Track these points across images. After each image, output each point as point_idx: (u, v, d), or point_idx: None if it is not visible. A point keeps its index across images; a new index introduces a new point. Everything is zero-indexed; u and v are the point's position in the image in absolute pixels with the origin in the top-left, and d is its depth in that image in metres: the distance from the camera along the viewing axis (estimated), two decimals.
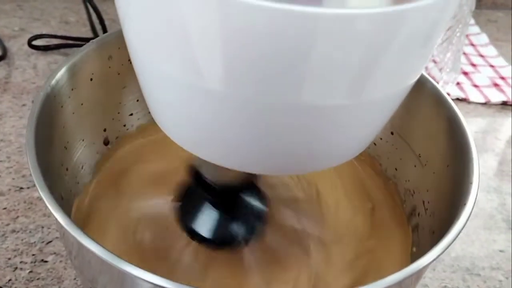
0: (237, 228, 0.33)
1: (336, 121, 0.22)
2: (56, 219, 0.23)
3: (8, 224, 0.42)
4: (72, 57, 0.30)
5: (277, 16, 0.17)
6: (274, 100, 0.20)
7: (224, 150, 0.24)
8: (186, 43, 0.19)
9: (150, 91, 0.24)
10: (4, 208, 0.44)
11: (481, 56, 0.69)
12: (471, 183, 0.26)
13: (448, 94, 0.60)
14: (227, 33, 0.18)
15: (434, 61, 0.63)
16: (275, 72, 0.19)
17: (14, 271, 0.39)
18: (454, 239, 0.23)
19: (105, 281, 0.25)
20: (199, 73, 0.20)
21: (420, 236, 0.32)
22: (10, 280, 0.38)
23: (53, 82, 0.29)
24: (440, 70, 0.62)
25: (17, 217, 0.43)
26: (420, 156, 0.34)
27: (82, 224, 0.33)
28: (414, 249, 0.32)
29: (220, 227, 0.32)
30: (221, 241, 0.32)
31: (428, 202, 0.32)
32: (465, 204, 0.25)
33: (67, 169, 0.31)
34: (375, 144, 0.38)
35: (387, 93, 0.22)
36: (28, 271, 0.39)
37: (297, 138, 0.22)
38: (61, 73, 0.30)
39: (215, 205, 0.32)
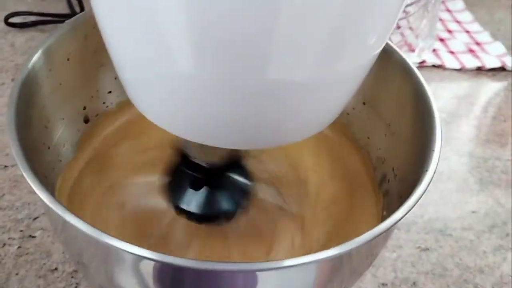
0: (223, 204, 0.34)
1: (304, 94, 0.23)
2: (39, 197, 0.24)
3: None
4: (47, 39, 0.31)
5: None
6: (243, 78, 0.21)
7: (199, 128, 0.25)
8: (156, 29, 0.20)
9: (125, 75, 0.25)
10: None
11: (457, 22, 0.70)
12: (433, 150, 0.27)
13: (424, 61, 0.62)
14: (191, 18, 0.19)
15: (410, 28, 0.63)
16: (241, 52, 0.20)
17: (3, 247, 0.40)
18: (416, 203, 0.25)
19: (91, 255, 0.26)
20: (170, 56, 0.21)
21: (390, 201, 0.34)
22: None
23: (30, 64, 0.29)
24: (416, 37, 0.63)
25: (3, 195, 0.44)
26: (389, 125, 0.35)
27: (66, 202, 0.34)
28: (385, 213, 0.34)
29: (206, 203, 0.33)
30: (207, 216, 0.34)
31: (397, 169, 0.34)
32: (427, 171, 0.26)
33: (48, 148, 0.32)
34: (348, 114, 0.39)
35: (352, 65, 0.23)
36: (16, 246, 0.40)
37: (268, 112, 0.23)
38: (38, 55, 0.30)
39: (202, 182, 0.34)
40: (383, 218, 0.34)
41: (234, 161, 0.34)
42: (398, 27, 0.62)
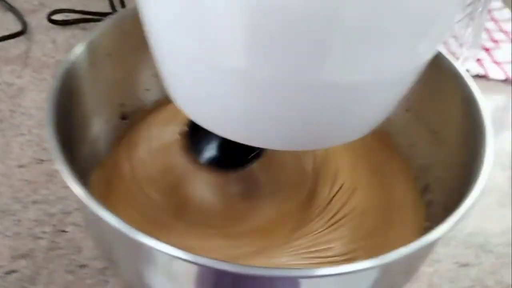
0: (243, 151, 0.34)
1: (352, 98, 0.22)
2: (73, 191, 0.24)
3: (29, 195, 0.44)
4: (90, 33, 0.31)
5: None
6: (295, 77, 0.21)
7: (241, 128, 0.24)
8: (208, 23, 0.19)
9: (167, 71, 0.24)
10: (26, 180, 0.45)
11: (503, 31, 0.67)
12: (484, 160, 0.26)
13: (468, 71, 0.59)
14: (249, 12, 0.18)
15: (454, 37, 0.62)
16: (297, 50, 0.19)
17: (35, 240, 0.40)
18: (464, 215, 0.24)
19: (122, 251, 0.26)
20: (221, 52, 0.21)
21: (433, 212, 0.32)
22: (31, 249, 0.40)
23: (72, 58, 0.29)
24: (461, 45, 0.61)
25: (38, 188, 0.44)
26: (436, 133, 0.34)
27: (100, 197, 0.34)
28: (427, 224, 0.33)
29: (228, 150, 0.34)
30: (229, 162, 0.34)
31: (442, 179, 0.32)
32: (476, 181, 0.25)
33: (85, 143, 0.32)
34: (390, 120, 0.38)
35: (402, 70, 0.22)
36: (48, 240, 0.40)
37: (315, 114, 0.23)
38: (80, 49, 0.30)
39: None
40: (425, 229, 0.32)
41: None
42: None
